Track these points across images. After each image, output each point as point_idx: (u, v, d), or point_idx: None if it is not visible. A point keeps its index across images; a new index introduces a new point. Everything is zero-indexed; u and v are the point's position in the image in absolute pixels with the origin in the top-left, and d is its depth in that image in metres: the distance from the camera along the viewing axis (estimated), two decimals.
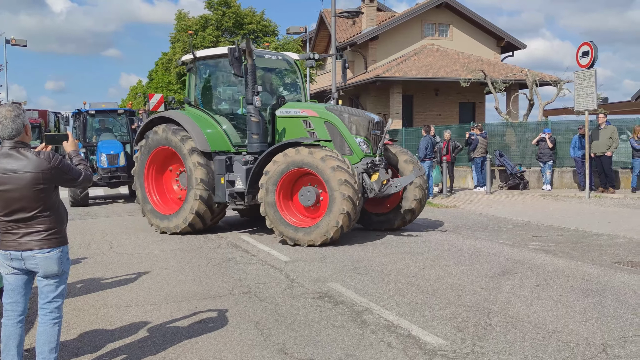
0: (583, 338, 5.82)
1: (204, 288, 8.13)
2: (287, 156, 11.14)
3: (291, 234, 11.06)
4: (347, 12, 29.80)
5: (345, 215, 10.65)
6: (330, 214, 10.74)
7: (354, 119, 11.97)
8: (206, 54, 13.58)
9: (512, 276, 8.44)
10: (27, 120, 4.66)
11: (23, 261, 4.57)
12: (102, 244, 11.86)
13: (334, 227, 10.71)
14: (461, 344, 5.74)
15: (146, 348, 5.81)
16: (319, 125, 12.05)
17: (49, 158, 4.54)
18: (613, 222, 13.53)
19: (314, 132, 12.06)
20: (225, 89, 14.00)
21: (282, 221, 11.16)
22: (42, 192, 4.52)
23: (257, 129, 12.00)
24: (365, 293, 7.65)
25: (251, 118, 11.96)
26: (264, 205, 11.28)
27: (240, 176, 12.05)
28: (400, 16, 37.45)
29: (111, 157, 19.55)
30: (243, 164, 12.03)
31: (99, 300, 7.63)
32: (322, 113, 12.11)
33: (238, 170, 12.13)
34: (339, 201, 10.64)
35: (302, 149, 11.09)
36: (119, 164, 19.65)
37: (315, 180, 11.21)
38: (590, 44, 18.28)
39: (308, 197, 11.30)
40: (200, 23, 37.32)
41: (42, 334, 4.70)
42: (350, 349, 5.66)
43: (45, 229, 4.59)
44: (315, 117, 12.09)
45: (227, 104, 13.75)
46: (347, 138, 11.86)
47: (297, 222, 11.24)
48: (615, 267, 8.98)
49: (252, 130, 12.01)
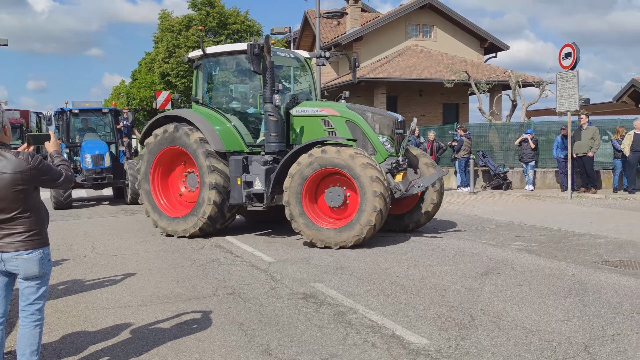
0: (565, 337, 5.85)
1: (187, 289, 8.09)
2: (313, 156, 10.83)
3: (321, 236, 10.73)
4: (332, 13, 29.82)
5: (378, 213, 10.39)
6: (362, 212, 10.45)
7: (378, 117, 11.73)
8: (217, 51, 13.17)
9: (495, 276, 8.48)
10: (6, 120, 4.62)
11: (3, 263, 4.52)
12: (85, 245, 11.78)
13: (366, 226, 10.42)
14: (445, 343, 5.76)
15: (129, 350, 5.78)
16: (340, 124, 11.76)
17: (28, 159, 4.49)
18: (595, 222, 13.63)
19: (334, 131, 11.75)
20: (237, 86, 13.55)
21: (311, 224, 10.82)
22: (21, 193, 4.47)
23: (275, 128, 11.58)
24: (350, 293, 7.65)
25: (270, 117, 11.52)
26: (290, 209, 10.94)
27: (259, 177, 11.68)
28: (384, 17, 37.52)
29: (96, 158, 18.99)
30: (262, 164, 11.67)
31: (82, 302, 7.57)
32: (343, 112, 11.83)
33: (257, 170, 11.75)
34: (371, 199, 10.37)
35: (328, 147, 10.80)
36: (104, 165, 19.07)
37: (340, 180, 10.98)
38: (572, 45, 18.41)
39: (335, 198, 11.00)
40: (184, 23, 37.28)
41: (23, 337, 4.65)
42: (334, 350, 5.65)
43: (25, 230, 4.54)
44: (336, 116, 11.79)
45: (237, 102, 13.35)
46: (371, 137, 11.56)
47: (325, 223, 10.92)
48: (597, 266, 9.04)
49: (271, 129, 11.57)
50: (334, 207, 11.08)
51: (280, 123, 11.67)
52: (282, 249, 10.91)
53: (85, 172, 19.03)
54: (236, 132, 12.37)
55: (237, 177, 11.86)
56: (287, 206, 10.97)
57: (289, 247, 11.01)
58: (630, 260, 9.47)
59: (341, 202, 10.97)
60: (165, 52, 36.35)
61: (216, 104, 13.20)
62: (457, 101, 37.31)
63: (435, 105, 36.85)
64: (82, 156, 19.21)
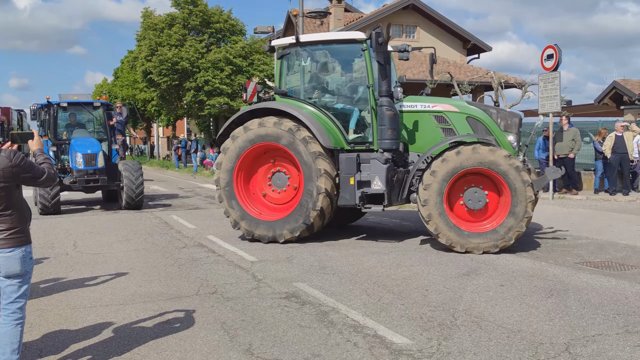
0: (546, 337, 5.90)
1: (169, 288, 8.07)
2: (462, 154, 10.21)
3: (462, 241, 10.14)
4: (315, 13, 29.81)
5: (529, 219, 10.02)
6: (513, 217, 9.95)
7: (503, 114, 11.25)
8: (314, 39, 12.15)
9: (477, 276, 8.53)
10: None
11: None
12: (66, 244, 11.70)
13: (516, 231, 9.96)
14: (427, 343, 5.79)
15: (111, 349, 5.75)
16: (460, 120, 11.15)
17: (10, 156, 4.47)
18: (576, 223, 13.74)
19: (451, 128, 11.17)
20: (334, 79, 12.49)
21: (451, 226, 10.19)
22: (3, 191, 4.46)
23: (392, 123, 10.95)
24: (332, 293, 7.66)
25: (386, 111, 10.83)
26: (428, 209, 10.29)
27: (379, 176, 10.89)
28: (367, 17, 37.63)
29: (88, 157, 16.85)
30: (384, 162, 10.92)
31: (63, 301, 7.53)
32: (463, 107, 11.30)
33: (376, 169, 10.95)
34: (524, 204, 9.91)
35: (478, 146, 10.19)
36: (96, 166, 16.95)
37: (480, 181, 10.39)
38: (554, 47, 18.54)
39: (475, 199, 10.35)
40: (167, 21, 37.12)
41: (4, 335, 4.63)
42: (316, 349, 5.66)
43: (7, 228, 4.52)
44: (454, 112, 11.21)
45: (331, 95, 12.23)
46: (499, 136, 10.92)
47: (465, 226, 10.31)
48: (578, 267, 9.12)
49: (387, 125, 10.89)
50: (473, 210, 10.44)
51: (396, 118, 11.11)
52: (265, 248, 10.90)
53: (76, 173, 16.97)
54: (336, 127, 11.54)
55: (349, 176, 11.09)
56: (425, 205, 10.31)
57: (271, 247, 11.00)
58: (611, 261, 9.56)
59: (483, 204, 10.33)
60: (147, 50, 36.17)
61: (303, 97, 12.10)
62: None
63: None
64: (72, 155, 17.12)
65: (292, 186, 11.60)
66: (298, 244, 11.16)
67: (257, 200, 11.83)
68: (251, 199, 11.76)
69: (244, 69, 35.42)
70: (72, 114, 18.63)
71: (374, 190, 10.97)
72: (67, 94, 18.87)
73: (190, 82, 35.16)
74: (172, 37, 35.75)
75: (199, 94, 35.26)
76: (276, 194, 11.76)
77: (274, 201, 11.78)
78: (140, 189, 17.09)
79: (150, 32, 36.79)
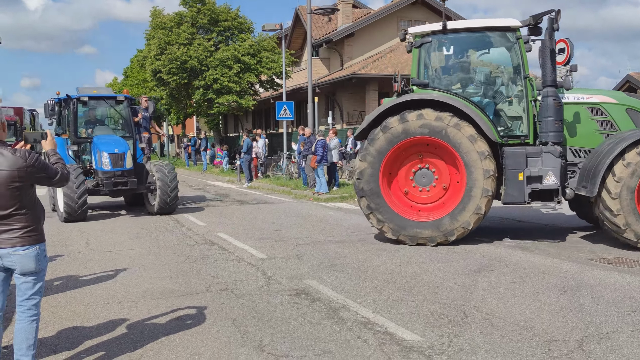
0: (559, 334, 5.89)
1: (181, 285, 8.11)
2: None
3: None
4: (323, 9, 29.82)
5: None
6: None
7: None
8: (463, 26, 11.41)
9: (488, 273, 8.52)
10: (3, 117, 4.66)
11: (0, 259, 4.56)
12: (79, 242, 11.77)
13: None
14: (438, 340, 5.79)
15: (124, 345, 5.80)
16: (619, 113, 10.70)
17: (25, 156, 4.53)
18: None
19: (609, 121, 10.73)
20: (481, 69, 11.76)
21: None
22: (17, 190, 4.51)
23: (559, 115, 10.38)
24: (342, 290, 7.68)
25: (553, 102, 10.30)
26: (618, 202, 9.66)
27: (553, 170, 10.33)
28: (376, 13, 37.59)
29: (115, 157, 15.18)
30: (558, 156, 10.34)
31: (76, 298, 7.58)
32: (622, 99, 10.85)
33: (549, 163, 10.37)
34: None
35: None
36: (125, 167, 15.31)
37: None
38: (566, 40, 18.43)
39: None
40: (175, 20, 37.19)
41: (20, 331, 4.69)
42: (327, 346, 5.68)
43: (22, 226, 4.58)
44: (612, 103, 10.75)
45: (476, 86, 11.51)
46: None
47: None
48: (591, 263, 9.08)
49: (554, 116, 10.34)
50: None
51: (562, 109, 10.50)
52: (275, 245, 10.93)
53: (102, 175, 15.34)
54: (489, 120, 10.83)
55: (517, 171, 10.45)
56: (616, 199, 9.64)
57: (281, 244, 11.02)
58: (625, 257, 9.51)
59: None
60: (157, 49, 36.23)
61: (445, 88, 11.25)
62: None
63: None
64: (96, 155, 15.47)
65: (440, 185, 10.87)
66: (307, 241, 11.18)
67: (400, 198, 11.03)
68: (396, 196, 11.01)
69: (252, 66, 35.43)
70: (92, 110, 16.95)
71: (546, 185, 10.40)
72: (84, 87, 17.10)
73: (199, 80, 35.20)
74: (180, 36, 35.81)
75: (208, 92, 35.30)
76: (419, 193, 10.98)
77: (417, 200, 10.99)
78: (175, 192, 15.70)
79: (159, 31, 36.86)
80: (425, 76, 11.30)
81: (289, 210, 16.47)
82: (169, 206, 15.70)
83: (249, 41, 36.40)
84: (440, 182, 10.88)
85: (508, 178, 10.52)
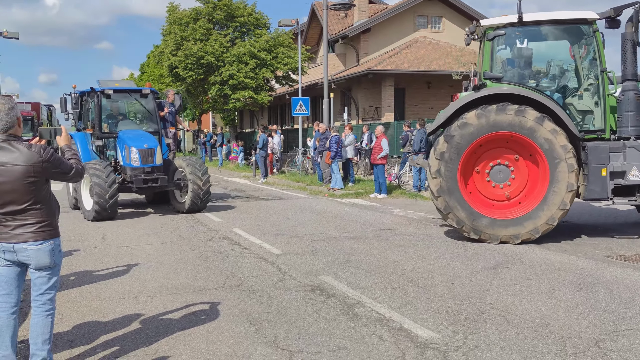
0: (575, 332, 5.85)
1: (196, 281, 8.13)
2: None
3: None
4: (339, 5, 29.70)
5: None
6: None
7: None
8: (540, 19, 11.00)
9: (504, 270, 8.48)
10: (19, 112, 4.70)
11: (15, 253, 4.58)
12: (95, 237, 11.83)
13: None
14: (453, 337, 5.77)
15: (139, 340, 5.82)
16: None
17: (40, 151, 4.57)
18: (604, 215, 13.59)
19: None
20: (556, 63, 11.38)
21: None
22: (32, 185, 4.54)
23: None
24: (357, 286, 7.67)
25: (635, 96, 10.18)
26: None
27: (637, 165, 10.19)
28: (392, 8, 37.42)
29: (145, 153, 14.53)
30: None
31: (92, 293, 7.63)
32: None
33: (634, 158, 10.20)
34: None
35: None
36: (155, 163, 14.70)
37: None
38: None
39: None
40: (192, 16, 37.29)
41: (35, 326, 4.72)
42: (342, 342, 5.68)
43: (36, 221, 4.61)
44: None
45: (550, 80, 11.34)
46: None
47: None
48: (608, 260, 9.02)
49: (636, 110, 10.23)
50: None
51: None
52: (290, 241, 10.94)
53: (130, 171, 14.65)
54: (567, 114, 10.57)
55: (600, 167, 10.24)
56: None
57: (296, 240, 11.03)
58: None
59: None
60: (173, 44, 36.34)
61: (519, 82, 10.95)
62: None
63: (444, 97, 36.65)
64: (123, 150, 14.83)
65: (517, 181, 10.66)
66: (322, 237, 11.18)
67: (478, 196, 10.76)
68: (474, 194, 10.74)
69: (268, 62, 35.45)
70: (115, 103, 16.29)
71: (630, 181, 10.25)
72: (106, 80, 16.45)
73: (215, 76, 35.26)
74: (197, 32, 35.88)
75: (224, 88, 35.36)
76: (496, 190, 10.74)
77: (495, 197, 10.75)
78: (208, 187, 15.17)
79: (176, 27, 36.97)
80: (499, 70, 11.08)
81: (304, 206, 16.47)
82: (202, 202, 15.17)
83: (265, 37, 36.41)
84: (518, 178, 10.68)
85: (591, 174, 10.29)
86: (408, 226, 12.55)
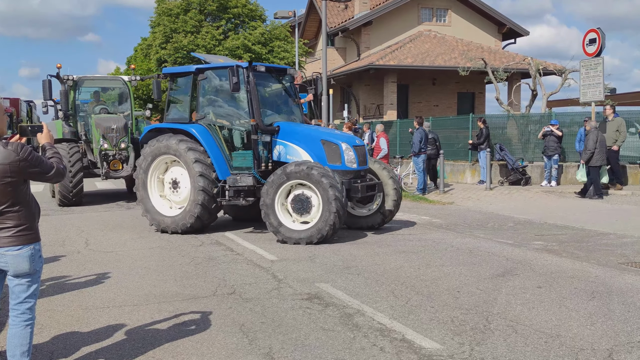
0: (588, 343, 5.86)
1: (185, 288, 8.13)
2: None
3: None
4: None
5: None
6: None
7: None
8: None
9: (512, 277, 8.49)
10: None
11: None
12: (78, 241, 11.82)
13: None
14: (458, 348, 5.77)
15: (124, 352, 5.81)
16: None
17: (17, 150, 4.51)
18: (620, 220, 13.61)
19: None
20: None
21: None
22: (9, 186, 4.50)
23: None
24: (357, 294, 7.67)
25: None
26: None
27: None
28: (395, 0, 37.47)
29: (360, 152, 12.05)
30: None
31: (74, 301, 7.61)
32: None
33: None
34: None
35: None
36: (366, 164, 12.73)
37: None
38: (597, 30, 18.37)
39: None
40: (182, 6, 37.26)
41: (13, 337, 4.69)
42: (340, 354, 5.67)
43: (14, 225, 4.57)
44: None
45: None
46: None
47: None
48: (622, 268, 9.04)
49: None
50: None
51: None
52: (285, 246, 10.94)
53: (344, 175, 11.76)
54: None
55: None
56: None
57: (292, 245, 11.03)
58: None
59: None
60: (162, 37, 36.35)
61: None
62: (472, 90, 37.28)
63: (450, 94, 36.83)
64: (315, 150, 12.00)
65: None
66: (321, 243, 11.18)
67: None
68: None
69: (263, 56, 35.47)
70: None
71: None
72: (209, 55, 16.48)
73: None
74: (187, 23, 35.89)
75: None
76: None
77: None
78: None
79: (165, 18, 36.96)
80: None
81: None
82: None
83: (260, 29, 36.43)
84: None
85: None
86: (411, 231, 12.56)
